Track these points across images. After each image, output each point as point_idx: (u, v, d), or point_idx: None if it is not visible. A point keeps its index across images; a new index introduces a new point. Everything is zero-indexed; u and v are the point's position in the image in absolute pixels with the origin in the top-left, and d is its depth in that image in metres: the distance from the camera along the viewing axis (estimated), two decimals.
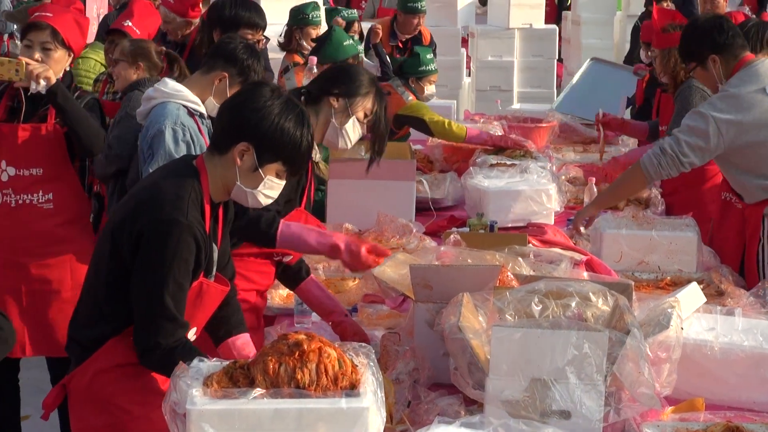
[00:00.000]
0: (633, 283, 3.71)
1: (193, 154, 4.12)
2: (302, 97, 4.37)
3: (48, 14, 5.15)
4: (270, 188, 3.41)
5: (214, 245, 3.49)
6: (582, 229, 5.17)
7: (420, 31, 9.88)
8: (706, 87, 5.12)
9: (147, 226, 3.28)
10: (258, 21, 5.96)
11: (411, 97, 7.22)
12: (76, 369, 3.45)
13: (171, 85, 4.71)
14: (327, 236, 4.07)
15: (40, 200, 5.10)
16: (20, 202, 5.08)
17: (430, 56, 7.45)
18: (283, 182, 3.44)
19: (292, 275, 4.30)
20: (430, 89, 7.45)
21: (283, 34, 7.66)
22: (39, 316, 5.15)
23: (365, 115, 4.41)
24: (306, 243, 4.06)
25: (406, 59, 7.66)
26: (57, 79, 4.93)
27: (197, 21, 7.40)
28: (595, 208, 5.20)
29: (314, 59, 6.59)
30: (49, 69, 4.91)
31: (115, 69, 5.71)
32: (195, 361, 2.88)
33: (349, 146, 4.43)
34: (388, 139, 4.52)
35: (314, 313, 4.33)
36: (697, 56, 5.11)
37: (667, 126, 6.25)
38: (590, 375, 2.97)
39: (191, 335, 3.46)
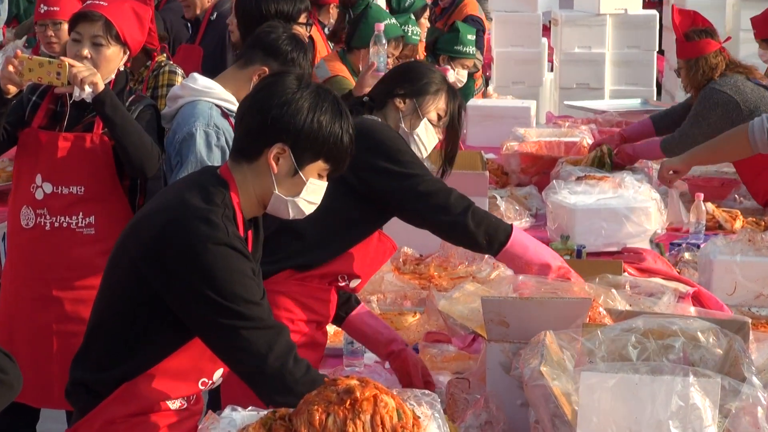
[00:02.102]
0: (750, 320, 3.69)
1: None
2: (364, 107, 4.38)
3: (102, 3, 5.03)
4: (313, 192, 3.41)
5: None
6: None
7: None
8: None
9: (184, 253, 3.25)
10: (288, 9, 5.76)
11: None
12: (82, 419, 3.44)
13: (201, 81, 4.76)
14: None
15: (80, 224, 5.00)
16: (56, 225, 5.00)
17: (471, 37, 7.53)
18: (326, 183, 3.44)
19: (340, 305, 4.31)
20: (462, 74, 7.49)
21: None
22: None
23: (439, 117, 4.40)
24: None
25: (443, 34, 7.70)
26: (105, 85, 4.82)
27: None
28: (684, 164, 5.18)
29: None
30: (96, 74, 4.78)
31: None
32: (227, 411, 2.89)
33: (425, 155, 4.41)
34: None
35: (366, 355, 4.34)
36: None
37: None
38: (698, 430, 2.96)
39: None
